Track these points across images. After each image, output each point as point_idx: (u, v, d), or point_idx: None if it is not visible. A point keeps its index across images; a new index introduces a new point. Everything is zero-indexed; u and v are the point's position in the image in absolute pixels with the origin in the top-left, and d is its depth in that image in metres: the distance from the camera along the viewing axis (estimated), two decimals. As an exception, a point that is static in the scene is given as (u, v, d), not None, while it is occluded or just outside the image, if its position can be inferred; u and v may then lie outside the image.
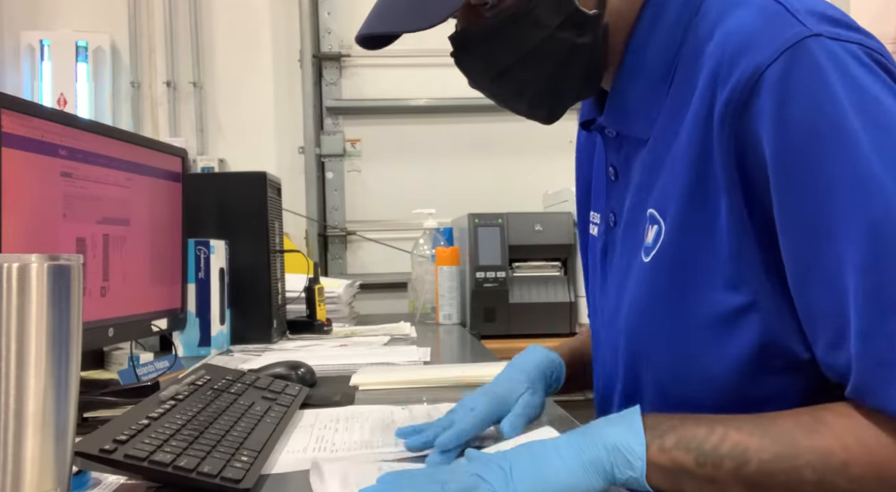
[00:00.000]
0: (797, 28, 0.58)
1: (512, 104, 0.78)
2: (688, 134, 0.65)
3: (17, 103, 0.90)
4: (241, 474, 0.64)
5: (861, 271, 0.55)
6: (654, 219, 0.69)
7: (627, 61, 0.72)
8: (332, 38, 2.64)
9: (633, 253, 0.73)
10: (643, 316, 0.70)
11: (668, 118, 0.68)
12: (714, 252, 0.63)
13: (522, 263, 2.02)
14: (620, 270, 0.76)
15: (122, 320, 1.11)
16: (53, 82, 2.46)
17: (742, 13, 0.63)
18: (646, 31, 0.71)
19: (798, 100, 0.57)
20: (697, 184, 0.64)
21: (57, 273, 0.53)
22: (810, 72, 0.57)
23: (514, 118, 0.84)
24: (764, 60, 0.58)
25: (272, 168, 2.12)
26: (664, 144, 0.69)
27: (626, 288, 0.74)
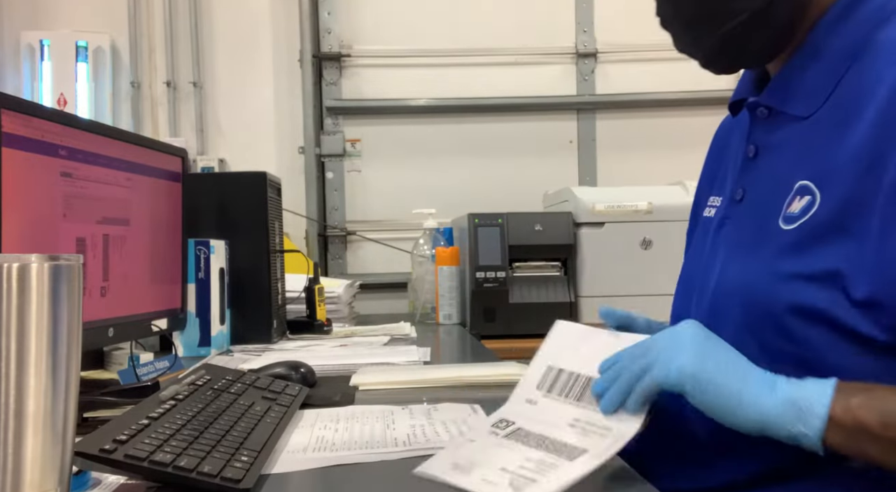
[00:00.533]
0: None
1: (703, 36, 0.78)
2: (868, 121, 0.67)
3: (17, 103, 0.90)
4: (241, 474, 0.64)
5: None
6: (806, 190, 0.72)
7: (807, 45, 0.76)
8: (332, 38, 2.64)
9: (766, 221, 0.75)
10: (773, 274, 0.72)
11: (842, 103, 0.72)
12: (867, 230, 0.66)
13: (522, 263, 2.02)
14: (745, 237, 0.79)
15: (122, 320, 1.11)
16: (53, 82, 2.46)
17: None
18: (834, 21, 0.75)
19: None
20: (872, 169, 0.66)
21: (57, 273, 0.53)
22: None
23: (515, 118, 0.85)
24: None
25: (272, 168, 2.12)
26: (833, 125, 0.72)
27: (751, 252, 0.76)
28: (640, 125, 2.65)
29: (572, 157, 2.68)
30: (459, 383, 1.09)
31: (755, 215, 0.78)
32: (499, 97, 2.62)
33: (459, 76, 2.63)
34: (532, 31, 2.62)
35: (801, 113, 0.76)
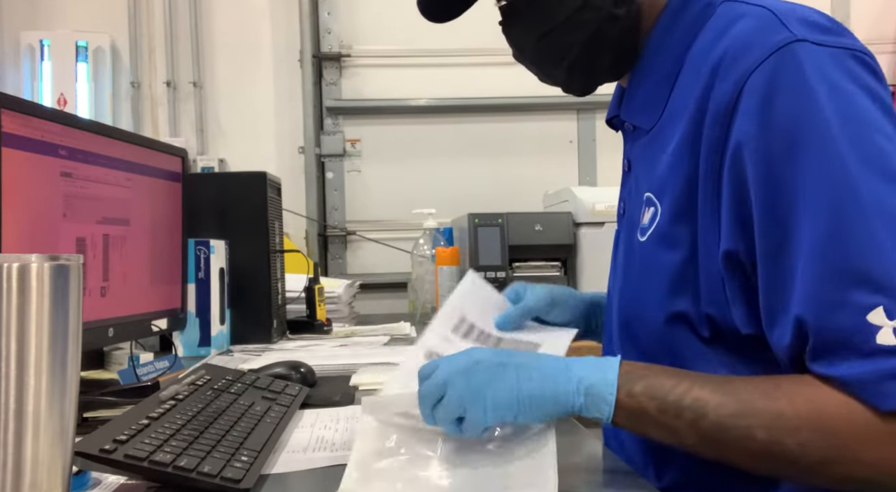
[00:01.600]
0: (784, 34, 0.64)
1: (552, 70, 0.83)
2: (686, 128, 0.70)
3: (17, 103, 0.90)
4: (241, 474, 0.64)
5: (818, 258, 0.59)
6: (650, 201, 0.75)
7: (644, 57, 0.79)
8: (332, 38, 2.64)
9: (631, 234, 0.79)
10: (634, 290, 0.77)
11: (671, 112, 0.74)
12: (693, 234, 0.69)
13: (522, 263, 2.02)
14: (623, 253, 0.83)
15: (122, 320, 1.11)
16: (53, 82, 2.46)
17: (742, 22, 0.68)
18: (661, 33, 0.77)
19: (780, 98, 0.62)
20: (691, 173, 0.69)
21: (57, 273, 0.53)
22: (792, 73, 0.62)
23: (515, 118, 0.87)
24: (752, 63, 0.64)
25: (272, 168, 2.13)
26: (665, 135, 0.74)
27: (623, 267, 0.81)
28: (640, 125, 2.64)
29: (572, 157, 2.68)
30: None
31: (628, 229, 0.81)
32: (499, 97, 2.62)
33: (459, 76, 2.63)
34: (532, 31, 2.62)
35: (645, 126, 0.79)
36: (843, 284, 0.57)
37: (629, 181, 0.84)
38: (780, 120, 0.62)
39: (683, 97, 0.72)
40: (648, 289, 0.74)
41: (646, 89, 0.78)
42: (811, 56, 0.63)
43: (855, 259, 0.57)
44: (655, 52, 0.77)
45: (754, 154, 0.63)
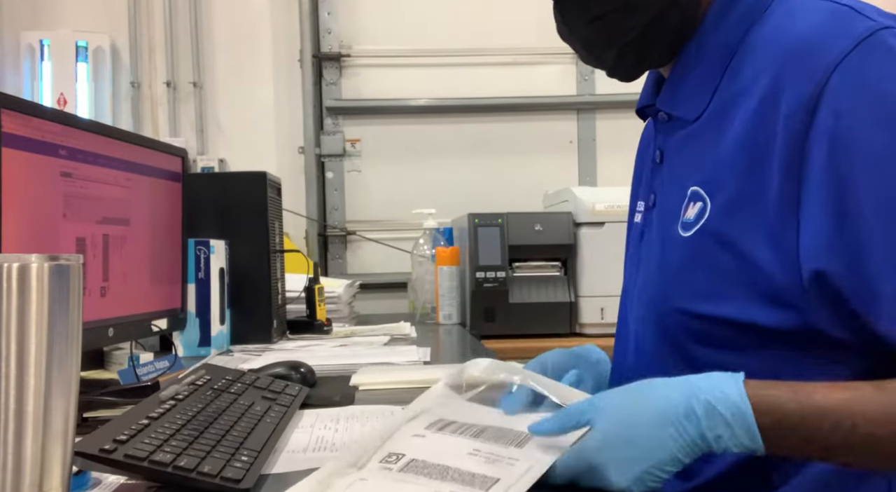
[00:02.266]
0: (868, 23, 0.63)
1: (602, 53, 0.80)
2: (748, 123, 0.67)
3: (17, 103, 0.90)
4: (241, 474, 0.64)
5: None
6: (697, 196, 0.72)
7: (692, 46, 0.76)
8: (332, 38, 2.64)
9: (669, 228, 0.76)
10: (676, 285, 0.73)
11: (722, 104, 0.72)
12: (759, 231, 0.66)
13: (522, 263, 2.02)
14: (655, 246, 0.79)
15: (122, 320, 1.11)
16: (53, 82, 2.46)
17: (813, 16, 0.67)
18: (714, 21, 0.75)
19: (875, 84, 0.61)
20: (753, 169, 0.66)
21: (57, 273, 0.53)
22: (886, 58, 0.62)
23: (515, 118, 0.86)
24: (836, 55, 0.62)
25: (272, 168, 2.12)
26: (715, 128, 0.72)
27: (659, 261, 0.77)
28: (640, 125, 2.63)
29: (572, 157, 2.68)
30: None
31: (662, 222, 0.78)
32: (499, 97, 2.62)
33: (459, 76, 2.63)
34: (531, 31, 2.62)
35: (688, 116, 0.76)
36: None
37: (661, 172, 0.82)
38: (884, 109, 0.61)
39: (739, 90, 0.70)
40: (693, 285, 0.71)
41: (692, 79, 0.76)
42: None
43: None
44: (704, 41, 0.75)
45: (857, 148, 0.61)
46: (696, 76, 0.76)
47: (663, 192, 0.80)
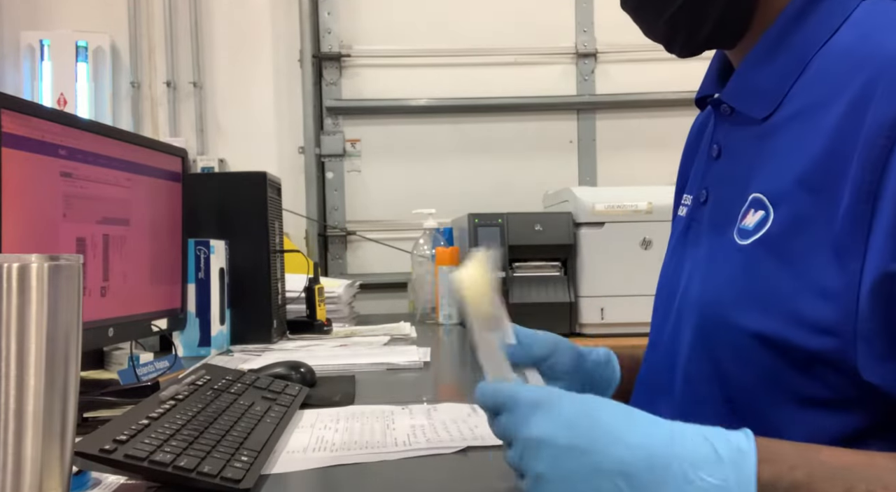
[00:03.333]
0: None
1: (654, 21, 0.77)
2: (825, 138, 0.63)
3: (17, 103, 0.90)
4: (241, 474, 0.64)
5: None
6: (759, 204, 0.68)
7: (766, 40, 0.73)
8: (332, 38, 2.64)
9: (722, 231, 0.72)
10: (725, 295, 0.69)
11: (796, 111, 0.68)
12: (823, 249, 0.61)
13: (522, 263, 2.02)
14: (703, 247, 0.76)
15: (122, 320, 1.11)
16: (53, 82, 2.46)
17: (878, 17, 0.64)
18: (793, 17, 0.71)
19: None
20: (828, 184, 0.62)
21: (57, 273, 0.53)
22: None
23: (515, 118, 0.85)
24: None
25: (272, 168, 2.12)
26: (785, 136, 0.68)
27: (709, 265, 0.73)
28: (639, 125, 2.65)
29: (572, 157, 2.68)
30: None
31: (715, 222, 0.75)
32: (499, 97, 2.62)
33: (459, 76, 2.63)
34: (532, 31, 2.62)
35: (756, 115, 0.72)
36: None
37: (717, 168, 0.78)
38: None
39: (819, 100, 0.66)
40: (742, 298, 0.67)
41: (764, 76, 0.72)
42: None
43: None
44: (780, 37, 0.71)
45: None
46: (769, 73, 0.71)
47: (718, 190, 0.76)
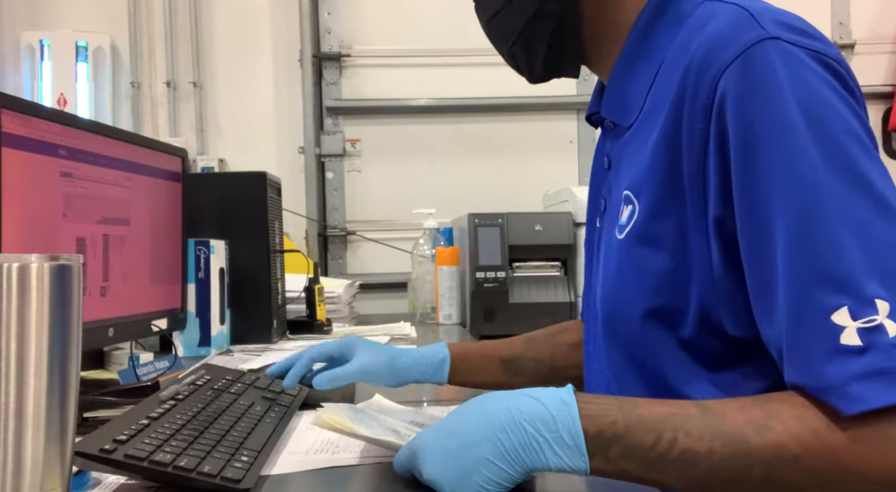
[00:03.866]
0: (757, 31, 0.64)
1: (501, 50, 0.86)
2: (663, 127, 0.70)
3: (17, 103, 0.90)
4: (241, 474, 0.64)
5: (788, 260, 0.58)
6: (628, 199, 0.74)
7: (623, 54, 0.79)
8: (332, 38, 2.64)
9: (611, 232, 0.78)
10: (613, 287, 0.76)
11: (649, 111, 0.74)
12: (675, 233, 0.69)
13: (522, 263, 2.02)
14: (603, 250, 0.82)
15: (122, 320, 1.11)
16: (53, 82, 2.46)
17: (716, 20, 0.68)
18: (642, 29, 0.77)
19: (752, 97, 0.62)
20: (669, 171, 0.69)
21: (57, 273, 0.53)
22: (763, 70, 0.62)
23: (515, 118, 0.88)
24: (725, 61, 0.64)
25: (272, 168, 2.12)
26: (643, 133, 0.74)
27: (605, 264, 0.80)
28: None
29: (572, 157, 2.68)
30: None
31: (609, 227, 0.80)
32: (499, 97, 2.62)
33: (459, 76, 2.63)
34: (532, 31, 2.62)
35: (625, 123, 0.78)
36: (809, 286, 0.57)
37: (608, 178, 0.84)
38: (751, 119, 0.62)
39: (661, 96, 0.72)
40: (626, 286, 0.73)
41: (627, 87, 0.78)
42: (783, 54, 0.62)
43: (819, 261, 0.57)
44: (634, 51, 0.77)
45: (732, 153, 0.63)
46: (631, 83, 0.77)
47: (610, 197, 0.82)
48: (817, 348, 0.56)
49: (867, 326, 0.54)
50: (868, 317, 0.54)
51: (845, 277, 0.56)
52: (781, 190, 0.60)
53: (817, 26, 0.68)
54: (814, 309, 0.56)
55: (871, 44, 2.70)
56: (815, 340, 0.56)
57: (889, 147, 2.71)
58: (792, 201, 0.59)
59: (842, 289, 0.55)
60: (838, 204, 0.58)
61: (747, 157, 0.62)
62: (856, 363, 0.54)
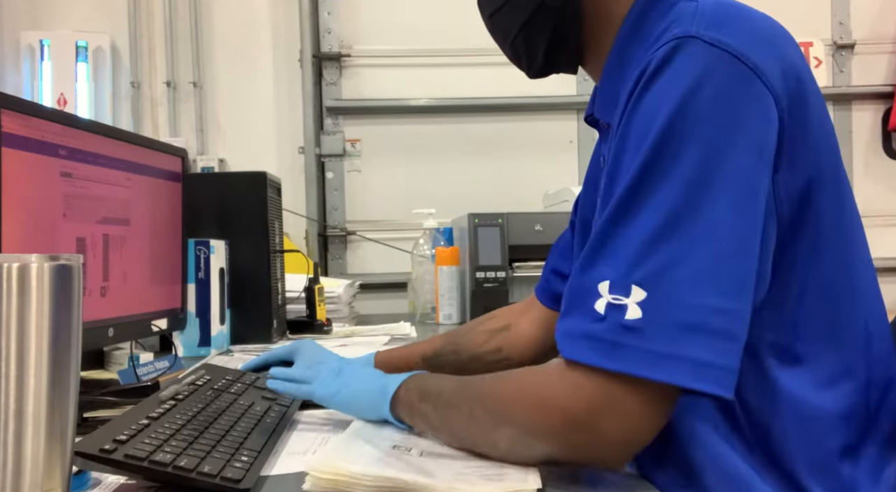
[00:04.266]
0: (682, 28, 0.65)
1: (502, 46, 0.87)
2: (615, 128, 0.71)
3: (17, 103, 0.90)
4: (241, 474, 0.64)
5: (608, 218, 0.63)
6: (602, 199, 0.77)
7: (609, 60, 0.79)
8: (332, 38, 2.64)
9: None
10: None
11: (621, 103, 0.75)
12: None
13: (522, 263, 2.02)
14: None
15: (122, 320, 1.11)
16: (53, 82, 2.46)
17: (663, 21, 0.70)
18: (630, 29, 0.77)
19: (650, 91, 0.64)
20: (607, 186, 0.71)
21: (57, 273, 0.53)
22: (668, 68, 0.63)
23: (515, 118, 0.88)
24: (649, 57, 0.65)
25: (272, 168, 2.13)
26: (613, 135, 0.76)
27: None
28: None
29: (572, 157, 2.68)
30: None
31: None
32: (499, 97, 2.62)
33: (459, 76, 2.63)
34: (532, 31, 2.62)
35: (615, 122, 0.77)
36: (599, 254, 0.63)
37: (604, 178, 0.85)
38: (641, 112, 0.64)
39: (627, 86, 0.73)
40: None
41: (614, 86, 0.78)
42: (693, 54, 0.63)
43: (618, 236, 0.62)
44: (621, 53, 0.77)
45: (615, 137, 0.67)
46: (619, 83, 0.77)
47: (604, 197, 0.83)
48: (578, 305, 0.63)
49: (616, 302, 0.60)
50: (620, 296, 0.60)
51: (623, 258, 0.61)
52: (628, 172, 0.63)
53: (817, 26, 0.68)
54: (591, 272, 0.63)
55: (871, 44, 2.70)
56: (580, 296, 0.63)
57: (889, 147, 2.71)
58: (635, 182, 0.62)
59: (615, 266, 0.61)
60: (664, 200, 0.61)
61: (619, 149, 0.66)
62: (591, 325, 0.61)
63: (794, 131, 0.65)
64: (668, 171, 0.61)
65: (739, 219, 0.61)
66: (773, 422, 0.67)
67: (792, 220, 0.67)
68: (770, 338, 0.68)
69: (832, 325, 0.69)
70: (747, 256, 0.62)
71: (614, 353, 0.59)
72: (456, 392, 0.70)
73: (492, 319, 1.13)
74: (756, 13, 0.69)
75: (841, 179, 0.71)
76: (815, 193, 0.67)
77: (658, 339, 0.59)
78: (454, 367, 1.06)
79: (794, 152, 0.65)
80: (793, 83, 0.66)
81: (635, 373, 0.59)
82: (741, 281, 0.61)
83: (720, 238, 0.60)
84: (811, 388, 0.68)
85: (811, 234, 0.68)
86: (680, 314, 0.59)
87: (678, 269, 0.59)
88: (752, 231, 0.62)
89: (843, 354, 0.69)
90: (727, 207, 0.61)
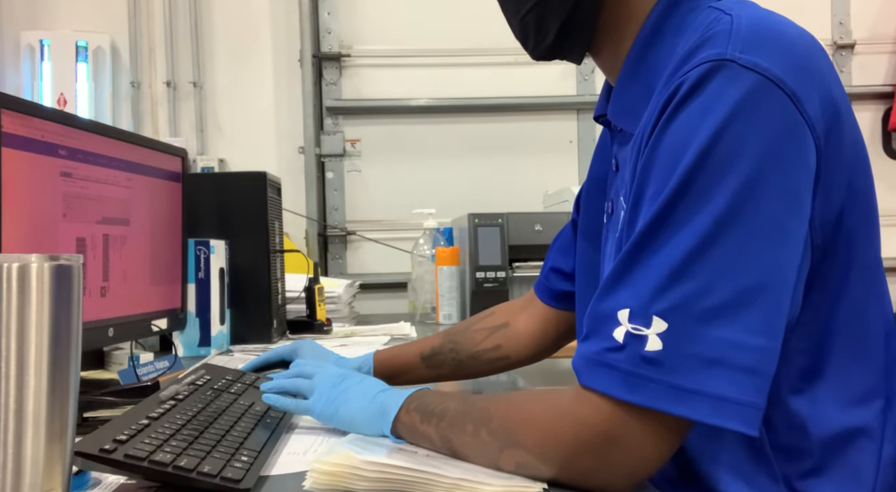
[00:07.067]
0: (718, 50, 0.61)
1: (512, 19, 0.83)
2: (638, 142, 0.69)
3: (17, 103, 0.90)
4: (241, 474, 0.64)
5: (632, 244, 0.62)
6: (622, 206, 0.75)
7: (627, 64, 0.76)
8: (332, 38, 2.64)
9: (614, 235, 0.79)
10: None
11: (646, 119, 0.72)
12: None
13: (522, 263, 2.02)
14: (607, 257, 0.82)
15: (122, 320, 1.10)
16: (53, 82, 2.46)
17: (688, 38, 0.67)
18: (650, 33, 0.74)
19: (682, 116, 0.62)
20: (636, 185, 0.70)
21: (57, 273, 0.53)
22: (702, 93, 0.61)
23: (515, 118, 0.87)
24: (681, 78, 0.62)
25: (272, 168, 2.13)
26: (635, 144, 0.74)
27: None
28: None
29: (572, 157, 2.68)
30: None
31: (613, 229, 0.80)
32: (499, 97, 2.62)
33: (459, 76, 2.63)
34: (532, 31, 2.62)
35: (631, 129, 0.75)
36: (621, 281, 0.61)
37: (615, 181, 0.82)
38: (671, 136, 0.62)
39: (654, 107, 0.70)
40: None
41: (632, 92, 0.76)
42: (726, 80, 0.60)
43: (641, 264, 0.61)
44: (641, 54, 0.75)
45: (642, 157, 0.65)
46: (634, 91, 0.75)
47: (617, 201, 0.81)
48: (598, 331, 0.62)
49: (636, 332, 0.59)
50: (640, 326, 0.59)
51: (644, 287, 0.60)
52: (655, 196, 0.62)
53: (817, 26, 0.67)
54: (611, 300, 0.62)
55: (871, 44, 2.70)
56: (600, 322, 0.62)
57: (889, 147, 2.71)
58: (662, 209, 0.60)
59: (637, 296, 0.60)
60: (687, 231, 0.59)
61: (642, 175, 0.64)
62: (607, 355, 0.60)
63: (829, 157, 0.63)
64: (698, 203, 0.59)
65: (769, 255, 0.59)
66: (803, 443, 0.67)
67: (825, 244, 0.65)
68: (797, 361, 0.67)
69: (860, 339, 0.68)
70: (776, 293, 0.60)
71: (633, 384, 0.58)
72: (460, 413, 0.68)
73: (490, 315, 1.11)
74: (793, 29, 0.65)
75: (870, 189, 0.69)
76: (847, 212, 0.65)
77: (678, 372, 0.57)
78: (453, 365, 1.06)
79: (829, 179, 0.63)
80: (829, 106, 0.63)
81: (654, 406, 0.58)
82: (768, 318, 0.59)
83: (747, 274, 0.58)
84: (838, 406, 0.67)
85: (842, 253, 0.66)
86: (701, 348, 0.57)
87: (701, 302, 0.58)
88: (782, 268, 0.60)
89: (869, 369, 0.69)
90: (756, 243, 0.59)
